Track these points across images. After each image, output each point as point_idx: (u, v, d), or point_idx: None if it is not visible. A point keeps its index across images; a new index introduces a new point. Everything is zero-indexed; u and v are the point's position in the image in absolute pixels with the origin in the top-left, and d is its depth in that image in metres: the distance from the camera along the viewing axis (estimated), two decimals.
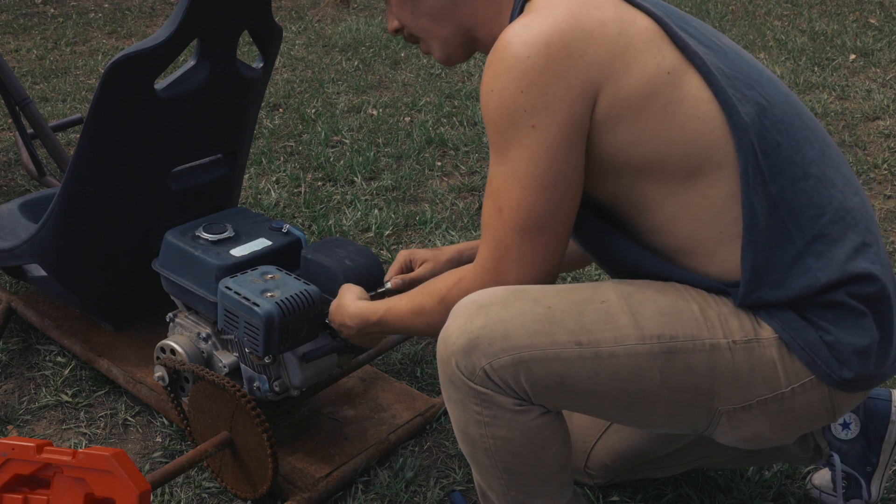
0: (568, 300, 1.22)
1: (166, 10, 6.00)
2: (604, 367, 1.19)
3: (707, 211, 1.21)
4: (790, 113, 1.25)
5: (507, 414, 1.22)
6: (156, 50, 1.70)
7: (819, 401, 1.23)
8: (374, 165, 3.32)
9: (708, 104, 1.19)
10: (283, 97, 4.15)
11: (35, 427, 1.93)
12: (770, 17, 5.75)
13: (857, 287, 1.21)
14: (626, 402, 1.23)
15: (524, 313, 1.20)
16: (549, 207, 1.20)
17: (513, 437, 1.24)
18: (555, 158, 1.18)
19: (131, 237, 1.96)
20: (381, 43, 5.10)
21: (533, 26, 1.17)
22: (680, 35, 1.21)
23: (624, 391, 1.21)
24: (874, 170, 3.27)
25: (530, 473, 1.28)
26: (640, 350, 1.19)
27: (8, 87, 2.64)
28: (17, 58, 4.80)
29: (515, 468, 1.28)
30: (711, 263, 1.23)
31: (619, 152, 1.20)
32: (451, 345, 1.22)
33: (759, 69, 1.28)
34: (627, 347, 1.19)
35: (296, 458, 1.76)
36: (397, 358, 2.15)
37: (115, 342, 2.08)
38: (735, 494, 1.70)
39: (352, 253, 1.73)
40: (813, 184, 1.22)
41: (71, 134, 3.63)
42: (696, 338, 1.20)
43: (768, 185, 1.20)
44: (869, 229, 1.26)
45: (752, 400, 1.22)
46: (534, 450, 1.26)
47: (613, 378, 1.20)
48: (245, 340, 1.61)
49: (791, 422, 1.25)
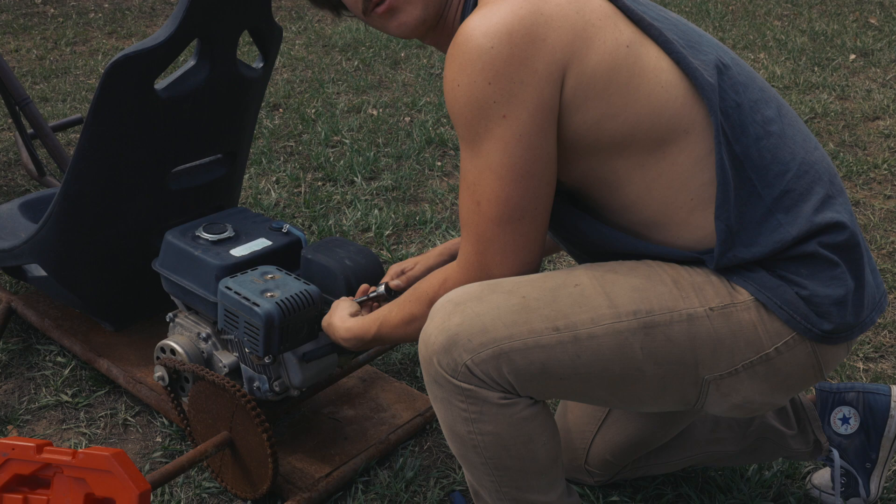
0: (541, 288, 1.23)
1: (166, 10, 6.00)
2: (584, 349, 1.20)
3: (677, 179, 1.23)
4: (743, 74, 1.28)
5: (493, 408, 1.22)
6: (156, 50, 1.70)
7: (804, 357, 1.25)
8: (374, 165, 3.32)
9: (669, 73, 1.21)
10: (283, 97, 4.15)
11: (35, 427, 1.93)
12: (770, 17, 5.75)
13: (827, 237, 1.23)
14: (612, 382, 1.23)
15: (500, 306, 1.20)
16: (528, 195, 1.20)
17: (501, 432, 1.24)
18: (528, 146, 1.18)
19: (131, 237, 1.96)
20: (381, 43, 5.09)
21: (492, 16, 1.16)
22: (634, 9, 1.23)
23: (608, 371, 1.22)
24: (874, 170, 3.27)
25: (521, 468, 1.28)
26: (619, 328, 1.20)
27: (8, 87, 2.64)
28: (17, 58, 4.80)
29: (506, 463, 1.27)
30: (684, 232, 1.25)
31: (590, 131, 1.21)
32: (431, 344, 1.22)
33: (707, 37, 1.31)
34: (605, 327, 1.20)
35: (296, 458, 1.76)
36: (397, 358, 2.15)
37: (115, 342, 2.09)
38: (735, 494, 1.70)
39: (352, 253, 1.73)
40: (774, 141, 1.25)
41: (71, 134, 3.63)
42: (672, 309, 1.21)
43: (732, 145, 1.22)
44: (832, 181, 1.29)
45: (737, 365, 1.23)
46: (523, 443, 1.25)
47: (596, 359, 1.20)
48: (245, 340, 1.61)
49: (779, 382, 1.26)
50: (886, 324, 2.26)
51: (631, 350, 1.20)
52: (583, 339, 1.20)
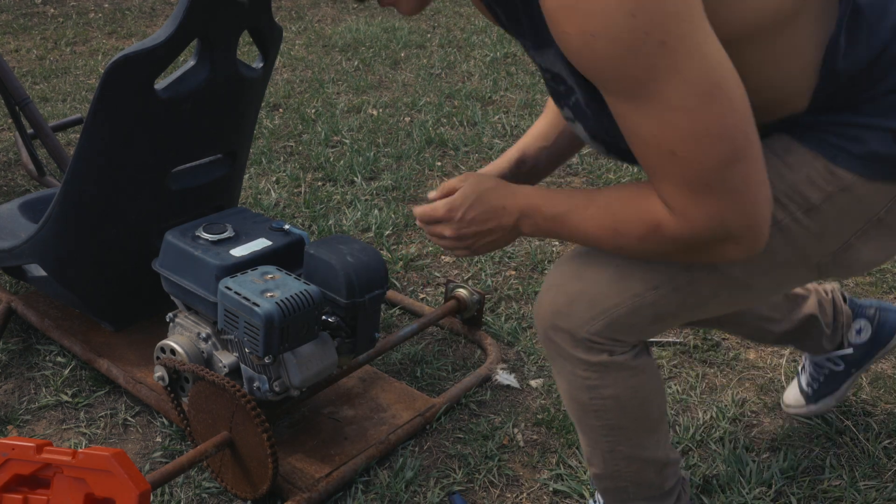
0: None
1: (166, 10, 6.00)
2: (688, 293, 1.24)
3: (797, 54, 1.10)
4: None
5: (612, 373, 1.30)
6: (156, 50, 1.70)
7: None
8: (374, 165, 3.32)
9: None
10: (283, 97, 4.15)
11: (35, 427, 1.93)
12: None
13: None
14: (723, 303, 1.28)
15: (598, 279, 1.26)
16: (732, 121, 1.01)
17: (620, 395, 1.32)
18: (702, 59, 0.98)
19: (131, 237, 1.96)
20: (381, 43, 5.10)
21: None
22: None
23: (716, 297, 1.26)
24: None
25: (636, 427, 1.37)
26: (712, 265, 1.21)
27: (8, 87, 2.64)
28: (17, 58, 4.80)
29: (622, 423, 1.36)
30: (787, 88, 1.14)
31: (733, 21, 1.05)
32: (547, 324, 1.30)
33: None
34: (699, 268, 1.22)
35: (296, 458, 1.76)
36: (397, 358, 2.15)
37: (115, 342, 2.08)
38: (735, 494, 1.70)
39: (355, 250, 1.74)
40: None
41: (71, 134, 3.63)
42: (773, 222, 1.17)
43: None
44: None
45: (848, 238, 1.22)
46: (639, 404, 1.34)
47: (702, 295, 1.25)
48: (245, 340, 1.61)
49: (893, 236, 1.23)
50: None
51: (731, 275, 1.22)
52: (683, 286, 1.24)
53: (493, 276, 2.54)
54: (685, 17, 0.97)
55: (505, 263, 2.61)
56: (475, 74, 4.55)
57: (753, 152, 1.03)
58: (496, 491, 1.74)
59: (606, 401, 1.34)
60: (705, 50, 0.98)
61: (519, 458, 1.83)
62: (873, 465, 1.78)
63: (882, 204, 1.18)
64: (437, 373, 2.10)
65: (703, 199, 1.04)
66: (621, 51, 0.97)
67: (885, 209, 1.18)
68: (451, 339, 2.25)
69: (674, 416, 1.91)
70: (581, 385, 1.33)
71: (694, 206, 1.05)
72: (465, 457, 1.82)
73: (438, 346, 2.22)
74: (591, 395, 1.33)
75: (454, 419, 1.94)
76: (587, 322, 1.27)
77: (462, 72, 4.60)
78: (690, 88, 0.98)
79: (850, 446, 1.84)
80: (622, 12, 0.95)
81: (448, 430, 1.90)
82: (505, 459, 1.82)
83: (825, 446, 1.84)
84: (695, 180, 1.03)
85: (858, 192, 1.16)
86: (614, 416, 1.35)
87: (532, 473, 1.79)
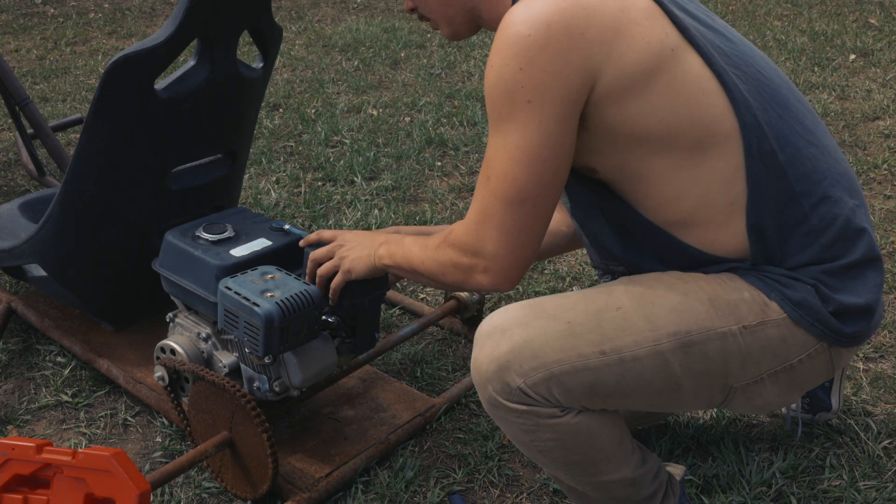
0: (585, 312, 1.29)
1: (166, 10, 6.00)
2: (629, 369, 1.26)
3: (716, 182, 1.26)
4: (783, 87, 1.33)
5: (548, 420, 1.30)
6: (156, 50, 1.70)
7: (823, 362, 1.33)
8: (374, 165, 3.32)
9: (709, 81, 1.25)
10: (283, 97, 4.15)
11: (35, 427, 1.93)
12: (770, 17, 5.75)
13: (858, 247, 1.29)
14: (652, 395, 1.30)
15: (546, 331, 1.27)
16: (535, 181, 1.24)
17: (561, 437, 1.31)
18: (546, 133, 1.22)
19: (131, 237, 1.96)
20: (381, 43, 5.09)
21: (535, 5, 1.21)
22: (678, 15, 1.26)
23: (649, 387, 1.29)
24: (874, 170, 3.27)
25: (588, 460, 1.35)
26: (660, 349, 1.26)
27: (8, 87, 2.64)
28: (17, 58, 4.80)
29: (572, 459, 1.35)
30: (721, 236, 1.30)
31: (626, 123, 1.24)
32: (484, 372, 1.29)
33: (751, 46, 1.37)
34: (647, 349, 1.26)
35: (296, 458, 1.76)
36: (397, 358, 2.15)
37: (115, 342, 2.08)
38: (735, 494, 1.70)
39: None
40: (814, 151, 1.30)
41: (71, 134, 3.63)
42: (708, 329, 1.27)
43: (777, 154, 1.26)
44: (858, 191, 1.37)
45: (762, 374, 1.30)
46: (583, 440, 1.33)
47: (639, 378, 1.27)
48: (245, 340, 1.61)
49: (797, 385, 1.35)
50: (886, 324, 2.26)
51: (670, 367, 1.27)
52: (627, 360, 1.26)
53: None
54: (554, 98, 1.20)
55: None
56: (475, 74, 4.55)
57: (538, 215, 1.26)
58: (496, 491, 1.74)
59: (547, 443, 1.32)
60: (552, 128, 1.22)
61: (519, 458, 1.83)
62: (873, 465, 1.78)
63: (798, 353, 1.30)
64: (437, 373, 2.10)
65: (484, 220, 1.28)
66: (502, 88, 1.22)
67: (799, 359, 1.31)
68: (451, 339, 2.25)
69: (674, 417, 1.91)
70: (518, 429, 1.32)
71: (475, 222, 1.29)
72: (465, 457, 1.82)
73: (438, 346, 2.22)
74: (532, 438, 1.32)
75: (454, 419, 1.94)
76: (526, 372, 1.26)
77: (462, 72, 4.60)
78: (524, 143, 1.22)
79: (850, 446, 1.84)
80: (516, 62, 1.20)
81: (448, 430, 1.90)
82: (505, 459, 1.82)
83: (825, 446, 1.84)
84: (488, 205, 1.27)
85: (783, 331, 1.29)
86: (561, 454, 1.34)
87: (532, 473, 1.79)
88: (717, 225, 1.29)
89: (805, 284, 1.28)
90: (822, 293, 1.28)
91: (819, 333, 1.29)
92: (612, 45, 1.20)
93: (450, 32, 1.45)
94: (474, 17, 1.42)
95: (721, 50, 1.28)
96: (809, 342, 1.30)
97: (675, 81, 1.22)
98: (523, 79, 1.20)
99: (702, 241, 1.30)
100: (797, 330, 1.28)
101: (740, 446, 1.82)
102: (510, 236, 1.27)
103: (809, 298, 1.27)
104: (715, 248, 1.31)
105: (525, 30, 1.19)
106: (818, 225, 1.28)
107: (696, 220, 1.29)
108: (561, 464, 1.36)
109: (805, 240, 1.28)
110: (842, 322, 1.28)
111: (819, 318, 1.28)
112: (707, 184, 1.26)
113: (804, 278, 1.28)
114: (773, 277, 1.29)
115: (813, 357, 1.31)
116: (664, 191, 1.28)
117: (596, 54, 1.20)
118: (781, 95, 1.31)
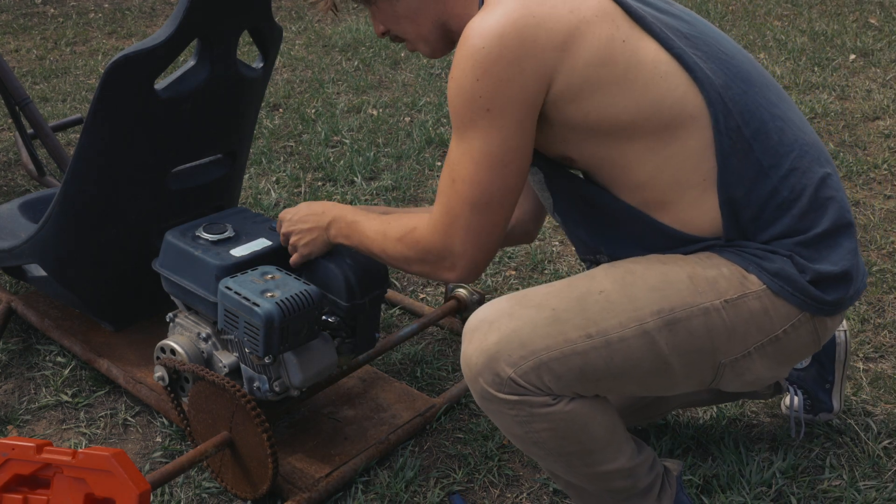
0: (568, 298, 1.31)
1: (166, 10, 6.00)
2: (616, 351, 1.28)
3: (688, 160, 1.30)
4: (746, 63, 1.37)
5: (541, 409, 1.30)
6: (156, 50, 1.70)
7: (808, 333, 1.35)
8: (374, 165, 3.32)
9: (668, 64, 1.29)
10: (283, 97, 4.15)
11: (35, 427, 1.93)
12: (770, 17, 5.75)
13: (830, 215, 1.32)
14: (644, 377, 1.32)
15: (533, 320, 1.28)
16: (500, 184, 1.31)
17: (555, 426, 1.31)
18: (505, 137, 1.28)
19: (131, 237, 1.96)
20: (381, 43, 5.09)
21: (488, 19, 1.26)
22: (631, 5, 1.30)
23: (639, 368, 1.30)
24: (874, 170, 3.27)
25: (584, 450, 1.36)
26: (645, 328, 1.28)
27: (8, 87, 2.64)
28: (17, 58, 4.80)
29: (568, 450, 1.35)
30: (695, 214, 1.33)
31: (587, 118, 1.29)
32: (474, 365, 1.30)
33: (711, 27, 1.41)
34: (633, 329, 1.28)
35: (296, 458, 1.76)
36: (397, 358, 2.15)
37: (115, 342, 2.08)
38: (735, 494, 1.70)
39: (353, 251, 1.73)
40: (780, 124, 1.33)
41: (71, 134, 3.63)
42: (690, 305, 1.29)
43: (742, 129, 1.30)
44: (828, 160, 1.39)
45: (749, 348, 1.33)
46: (579, 429, 1.33)
47: (627, 359, 1.29)
48: (245, 340, 1.61)
49: (786, 358, 1.37)
50: (886, 324, 2.26)
51: (658, 347, 1.29)
52: (614, 342, 1.28)
53: (493, 275, 2.54)
54: (511, 104, 1.26)
55: (505, 263, 2.61)
56: None
57: (502, 215, 1.33)
58: (496, 491, 1.74)
59: (542, 433, 1.32)
60: (512, 132, 1.28)
61: (519, 458, 1.83)
62: (873, 465, 1.78)
63: (782, 324, 1.32)
64: (437, 373, 2.10)
65: (451, 222, 1.34)
66: (461, 98, 1.28)
67: (783, 330, 1.33)
68: (451, 339, 2.25)
69: (674, 416, 1.91)
70: (512, 422, 1.32)
71: (442, 224, 1.35)
72: (465, 457, 1.82)
73: (438, 346, 2.22)
74: (526, 430, 1.33)
75: (454, 419, 1.94)
76: (516, 362, 1.27)
77: None
78: (486, 148, 1.28)
79: (850, 446, 1.84)
80: (473, 73, 1.26)
81: (448, 430, 1.90)
82: (505, 459, 1.82)
83: (825, 446, 1.84)
84: (454, 207, 1.33)
85: (765, 303, 1.31)
86: (555, 445, 1.34)
87: (532, 473, 1.79)
88: (690, 203, 1.32)
89: (781, 256, 1.31)
90: (798, 263, 1.30)
91: (800, 303, 1.31)
92: (564, 47, 1.25)
93: (428, 50, 1.48)
94: (446, 32, 1.45)
95: (679, 32, 1.32)
96: (792, 312, 1.32)
97: (630, 71, 1.27)
98: (480, 89, 1.26)
99: (679, 220, 1.34)
100: (778, 301, 1.31)
101: (740, 446, 1.82)
102: (477, 236, 1.34)
103: (787, 268, 1.30)
104: (692, 228, 1.34)
105: (479, 42, 1.25)
106: (789, 196, 1.31)
107: (672, 199, 1.32)
108: (557, 455, 1.36)
109: (777, 212, 1.31)
110: (821, 290, 1.31)
111: (798, 288, 1.30)
112: (680, 162, 1.30)
113: (780, 250, 1.31)
114: (750, 252, 1.32)
115: (797, 327, 1.33)
116: (639, 173, 1.32)
117: (549, 59, 1.25)
118: (744, 71, 1.34)
